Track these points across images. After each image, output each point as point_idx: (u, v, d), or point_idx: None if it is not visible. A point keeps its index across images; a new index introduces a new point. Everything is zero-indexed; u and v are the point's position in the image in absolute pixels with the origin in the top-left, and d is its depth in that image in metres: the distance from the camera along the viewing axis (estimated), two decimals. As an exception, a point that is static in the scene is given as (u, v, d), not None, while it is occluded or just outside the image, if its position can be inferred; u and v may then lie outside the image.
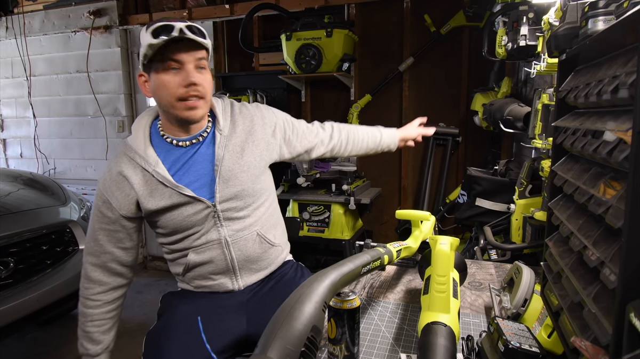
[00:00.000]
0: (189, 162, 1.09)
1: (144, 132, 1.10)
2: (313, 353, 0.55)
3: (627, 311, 0.38)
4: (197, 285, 1.16)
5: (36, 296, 1.94)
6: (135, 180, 1.06)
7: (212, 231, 1.10)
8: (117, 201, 1.07)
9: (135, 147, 1.07)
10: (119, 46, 3.68)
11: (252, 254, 1.16)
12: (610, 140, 0.48)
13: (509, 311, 0.92)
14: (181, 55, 0.99)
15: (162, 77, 1.00)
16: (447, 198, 3.08)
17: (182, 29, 0.96)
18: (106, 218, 1.09)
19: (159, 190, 1.05)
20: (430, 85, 3.11)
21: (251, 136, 1.15)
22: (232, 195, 1.10)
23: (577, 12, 0.93)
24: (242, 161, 1.11)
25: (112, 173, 1.08)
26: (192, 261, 1.11)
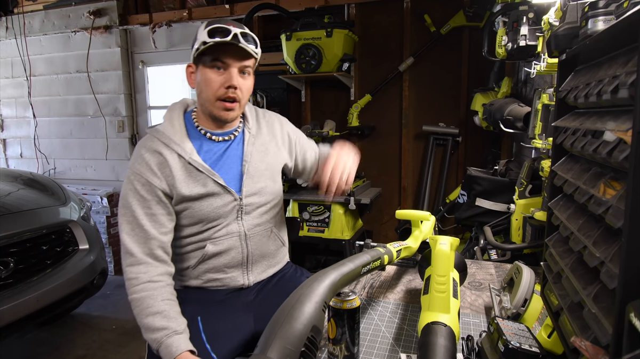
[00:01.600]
0: (221, 156, 1.15)
1: (179, 121, 1.14)
2: (313, 353, 0.55)
3: (627, 311, 0.38)
4: (207, 279, 1.17)
5: (36, 296, 1.94)
6: (173, 163, 1.07)
7: (233, 224, 1.15)
8: (159, 180, 1.06)
9: (170, 135, 1.10)
10: (119, 46, 3.68)
11: (266, 250, 1.22)
12: (610, 140, 0.48)
13: (509, 311, 0.92)
14: (229, 58, 1.05)
15: (207, 73, 1.07)
16: (447, 198, 3.08)
17: (237, 34, 1.03)
18: (147, 201, 1.06)
19: (194, 176, 1.09)
20: (430, 85, 3.11)
21: (273, 138, 1.24)
22: (257, 191, 1.17)
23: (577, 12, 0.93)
24: (266, 160, 1.20)
25: (148, 154, 1.07)
26: (210, 251, 1.13)
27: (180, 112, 1.17)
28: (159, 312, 0.99)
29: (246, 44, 1.04)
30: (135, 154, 1.09)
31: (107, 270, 2.50)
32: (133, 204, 1.05)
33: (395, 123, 3.23)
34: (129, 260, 1.04)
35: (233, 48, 1.04)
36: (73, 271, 2.18)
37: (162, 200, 1.07)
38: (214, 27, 1.02)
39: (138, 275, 1.02)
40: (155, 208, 1.06)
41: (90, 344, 2.57)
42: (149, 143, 1.09)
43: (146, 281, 1.02)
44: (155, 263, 1.05)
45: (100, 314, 2.96)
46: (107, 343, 2.57)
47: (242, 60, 1.07)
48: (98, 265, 2.36)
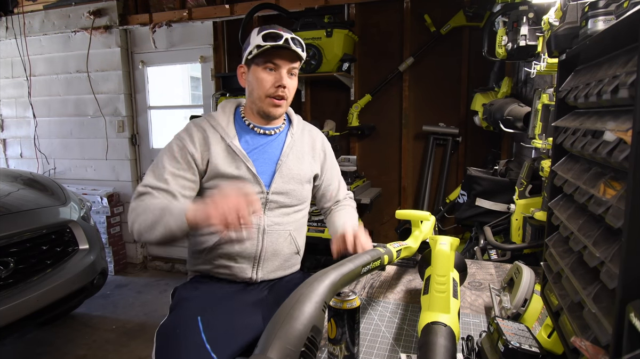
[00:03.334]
0: (260, 148, 1.24)
1: (229, 111, 1.26)
2: (313, 353, 0.55)
3: (627, 311, 0.38)
4: (217, 265, 1.21)
5: (36, 296, 1.94)
6: (214, 142, 1.18)
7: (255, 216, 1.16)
8: (195, 150, 1.16)
9: (219, 120, 1.22)
10: (119, 46, 3.68)
11: (280, 250, 1.25)
12: (610, 140, 0.48)
13: (509, 311, 0.92)
14: (280, 60, 1.17)
15: (260, 73, 1.18)
16: (447, 198, 3.08)
17: (288, 39, 1.14)
18: (178, 162, 1.15)
19: (230, 157, 1.19)
20: (430, 85, 3.11)
21: (312, 150, 1.34)
22: (285, 191, 1.24)
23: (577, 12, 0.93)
24: (300, 166, 1.27)
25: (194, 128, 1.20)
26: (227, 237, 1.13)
27: (233, 105, 1.29)
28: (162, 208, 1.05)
29: (295, 47, 1.14)
30: (186, 128, 1.22)
31: (107, 270, 2.50)
32: (164, 160, 1.16)
33: (395, 123, 3.23)
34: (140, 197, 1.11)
35: (284, 51, 1.15)
36: (73, 271, 2.18)
37: (192, 166, 1.16)
38: (268, 32, 1.14)
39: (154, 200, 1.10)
40: (182, 171, 1.15)
41: (90, 344, 2.57)
42: (199, 122, 1.22)
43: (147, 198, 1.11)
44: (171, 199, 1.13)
45: (100, 314, 2.96)
46: (107, 343, 2.57)
47: (291, 62, 1.18)
48: (98, 265, 2.36)
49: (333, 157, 1.42)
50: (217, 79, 3.49)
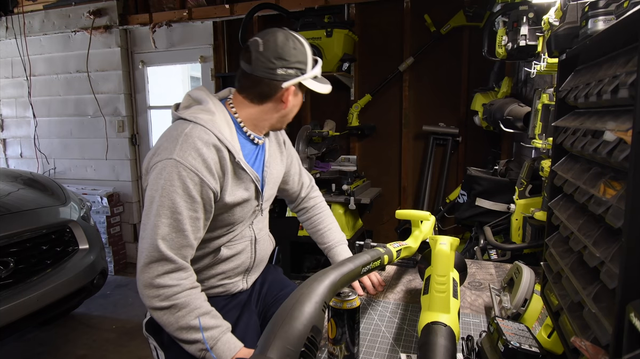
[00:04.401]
0: (255, 157, 1.13)
1: (226, 118, 1.05)
2: (313, 353, 0.55)
3: (627, 311, 0.38)
4: (210, 286, 1.12)
5: (36, 296, 1.94)
6: (227, 162, 0.99)
7: (247, 229, 1.15)
8: (215, 181, 0.96)
9: (221, 129, 1.00)
10: (119, 46, 3.68)
11: (265, 254, 1.23)
12: (610, 140, 0.48)
13: (509, 311, 0.92)
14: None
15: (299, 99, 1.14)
16: (447, 198, 3.08)
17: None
18: (196, 203, 0.94)
19: (237, 178, 1.04)
20: (430, 85, 3.11)
21: (279, 148, 1.26)
22: (269, 197, 1.19)
23: (577, 12, 0.93)
24: (277, 168, 1.21)
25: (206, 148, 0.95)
26: (224, 255, 1.10)
27: (223, 107, 1.07)
28: (208, 313, 0.96)
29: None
30: (186, 146, 0.94)
31: (107, 270, 2.50)
32: (179, 204, 0.92)
33: (395, 123, 3.23)
34: (167, 267, 0.93)
35: None
36: (73, 271, 2.18)
37: (211, 204, 0.98)
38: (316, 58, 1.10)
39: (180, 282, 0.94)
40: (200, 211, 0.96)
41: (90, 344, 2.57)
42: (204, 136, 0.96)
43: (189, 287, 0.96)
44: (191, 269, 0.99)
45: (100, 314, 2.96)
46: (107, 343, 2.57)
47: None
48: (98, 264, 2.36)
49: (290, 144, 1.35)
50: (217, 79, 3.49)
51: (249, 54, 1.03)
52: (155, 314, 0.95)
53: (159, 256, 0.92)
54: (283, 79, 1.03)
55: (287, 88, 1.04)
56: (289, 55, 1.02)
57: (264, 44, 1.01)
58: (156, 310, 0.94)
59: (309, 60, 1.07)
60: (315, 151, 2.91)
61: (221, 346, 0.93)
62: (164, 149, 0.95)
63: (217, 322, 0.96)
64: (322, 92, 1.11)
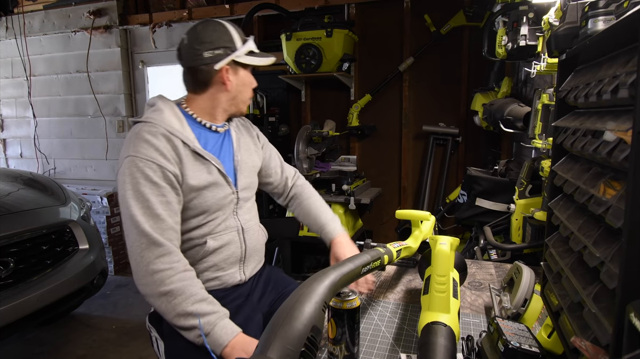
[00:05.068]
0: (220, 147, 1.18)
1: (175, 112, 1.11)
2: (313, 353, 0.55)
3: (627, 311, 0.38)
4: (205, 279, 1.14)
5: (36, 296, 1.93)
6: (181, 149, 1.04)
7: (230, 218, 1.17)
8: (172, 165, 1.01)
9: (170, 123, 1.06)
10: (119, 46, 3.68)
11: (257, 244, 1.25)
12: (610, 140, 0.48)
13: (509, 311, 0.92)
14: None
15: (250, 78, 1.18)
16: (447, 198, 3.08)
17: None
18: (161, 187, 0.99)
19: (199, 163, 1.08)
20: (430, 85, 3.11)
21: (252, 139, 1.31)
22: (247, 185, 1.21)
23: (577, 12, 0.93)
24: (250, 157, 1.25)
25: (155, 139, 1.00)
26: (211, 247, 1.12)
27: (174, 104, 1.15)
28: (204, 299, 0.97)
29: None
30: (137, 141, 1.00)
31: (107, 270, 2.50)
32: (146, 192, 0.97)
33: (395, 123, 3.23)
34: (156, 251, 0.96)
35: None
36: (73, 271, 2.17)
37: (175, 186, 1.02)
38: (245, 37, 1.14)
39: (172, 265, 0.96)
40: (169, 195, 1.00)
41: (90, 344, 2.57)
42: (152, 129, 1.02)
43: (182, 270, 0.98)
44: (180, 253, 1.01)
45: (100, 314, 2.96)
46: (107, 343, 2.57)
47: None
48: (98, 265, 2.36)
49: (267, 140, 1.38)
50: (217, 79, 3.49)
51: (179, 51, 1.14)
52: (155, 302, 0.97)
53: (147, 241, 0.96)
54: (213, 61, 1.08)
55: (221, 69, 1.10)
56: (210, 38, 1.08)
57: (186, 36, 1.12)
58: (154, 298, 0.97)
59: (235, 39, 1.11)
60: (315, 151, 2.91)
61: (218, 331, 0.94)
62: (122, 153, 1.03)
63: (213, 308, 0.97)
64: (262, 64, 1.16)
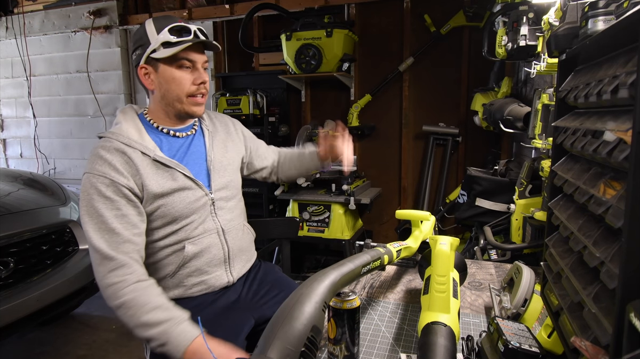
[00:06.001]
0: (186, 151, 1.16)
1: (135, 122, 1.12)
2: (313, 353, 0.55)
3: (627, 311, 0.38)
4: (190, 284, 1.12)
5: (36, 296, 1.93)
6: (138, 161, 1.03)
7: (208, 220, 1.15)
8: (125, 179, 1.00)
9: (129, 134, 1.06)
10: (119, 46, 3.68)
11: (242, 243, 1.24)
12: (610, 140, 0.48)
13: (509, 311, 0.92)
14: (195, 55, 1.07)
15: (174, 73, 1.06)
16: (447, 198, 3.08)
17: (196, 31, 1.05)
18: (114, 201, 0.99)
19: (161, 171, 1.07)
20: (430, 85, 3.11)
21: (229, 135, 1.28)
22: (224, 185, 1.19)
23: (577, 12, 0.93)
24: (227, 155, 1.23)
25: (109, 154, 1.01)
26: (190, 252, 1.10)
27: (134, 114, 1.15)
28: (158, 306, 0.95)
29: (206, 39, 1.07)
30: (93, 157, 1.02)
31: (107, 270, 2.50)
32: (100, 208, 0.97)
33: (395, 123, 3.23)
34: (109, 265, 0.96)
35: (196, 46, 1.06)
36: (73, 271, 2.17)
37: (131, 199, 1.01)
38: (174, 25, 1.04)
39: (124, 277, 0.96)
40: (125, 208, 1.00)
41: (90, 344, 2.57)
42: (107, 144, 1.03)
43: (135, 281, 0.97)
44: (136, 265, 1.00)
45: (100, 314, 2.96)
46: (107, 343, 2.57)
47: (203, 55, 1.10)
48: (98, 265, 2.36)
49: (248, 131, 1.38)
50: (217, 79, 3.49)
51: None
52: (117, 314, 0.97)
53: (99, 257, 0.97)
54: (136, 63, 1.09)
55: (139, 70, 1.09)
56: (133, 39, 1.10)
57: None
58: (115, 311, 0.97)
59: (149, 33, 1.05)
60: (315, 151, 2.90)
61: (174, 339, 0.91)
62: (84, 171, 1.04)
63: (168, 315, 0.94)
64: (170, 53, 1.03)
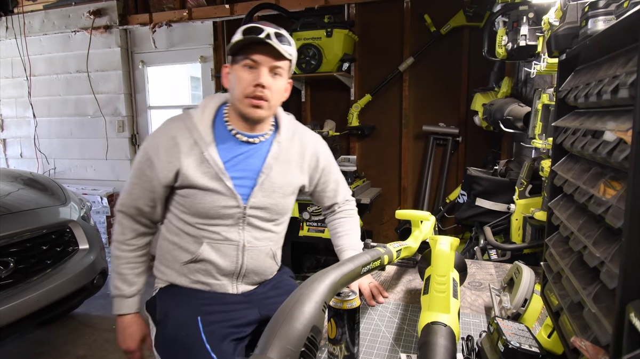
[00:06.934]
0: (241, 157, 1.13)
1: (210, 112, 1.15)
2: (313, 353, 0.55)
3: (627, 311, 0.38)
4: (195, 280, 1.14)
5: (36, 296, 1.93)
6: (184, 149, 1.08)
7: (233, 231, 1.12)
8: (160, 164, 1.09)
9: (197, 121, 1.11)
10: (119, 46, 3.68)
11: (260, 266, 1.18)
12: (610, 140, 0.48)
13: (509, 311, 0.92)
14: (259, 56, 1.05)
15: (239, 72, 1.08)
16: (447, 198, 3.08)
17: (270, 34, 1.04)
18: (145, 176, 1.11)
19: (204, 167, 1.08)
20: (430, 85, 3.11)
21: (301, 159, 1.22)
22: (264, 205, 1.14)
23: (577, 12, 0.93)
24: (285, 178, 1.17)
25: (164, 136, 1.10)
26: (205, 252, 1.11)
27: (216, 103, 1.17)
28: (119, 274, 1.16)
29: (278, 43, 1.04)
30: (160, 128, 1.14)
31: (107, 269, 2.50)
32: (132, 172, 1.14)
33: (395, 123, 3.23)
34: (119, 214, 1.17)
35: (265, 47, 1.04)
36: (73, 271, 2.17)
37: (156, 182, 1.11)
38: (249, 26, 1.05)
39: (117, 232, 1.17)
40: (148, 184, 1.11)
41: (90, 344, 2.57)
42: (173, 125, 1.12)
43: (120, 241, 1.16)
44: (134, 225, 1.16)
45: (100, 314, 2.96)
46: (107, 343, 2.57)
47: (274, 59, 1.06)
48: (98, 264, 2.36)
49: (329, 163, 1.31)
50: (217, 79, 3.49)
51: None
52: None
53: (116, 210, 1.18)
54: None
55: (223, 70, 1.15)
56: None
57: None
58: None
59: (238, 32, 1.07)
60: (315, 151, 2.90)
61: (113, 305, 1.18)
62: None
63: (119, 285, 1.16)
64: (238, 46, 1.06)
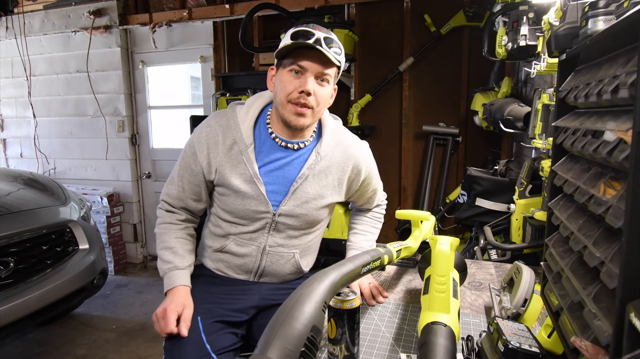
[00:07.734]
0: (278, 164, 1.12)
1: (254, 112, 1.14)
2: (313, 353, 0.55)
3: (627, 311, 0.38)
4: (219, 267, 1.21)
5: (36, 296, 1.93)
6: (224, 148, 1.10)
7: (261, 234, 1.15)
8: (203, 158, 1.11)
9: (240, 121, 1.12)
10: (119, 46, 3.68)
11: (280, 270, 1.20)
12: (610, 140, 0.48)
13: (509, 311, 0.92)
14: (306, 62, 1.01)
15: (284, 76, 1.04)
16: (447, 198, 3.08)
17: (320, 39, 0.99)
18: (189, 169, 1.14)
19: (240, 168, 1.10)
20: (430, 85, 3.11)
21: (340, 171, 1.17)
22: (295, 214, 1.13)
23: (577, 12, 0.93)
24: (319, 190, 1.14)
25: (210, 132, 1.11)
26: (231, 247, 1.17)
27: (261, 103, 1.16)
28: (170, 248, 1.14)
29: (328, 50, 0.99)
30: (207, 121, 1.14)
31: (107, 269, 2.50)
32: (179, 164, 1.16)
33: (395, 123, 3.23)
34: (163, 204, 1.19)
35: (313, 52, 1.00)
36: (73, 271, 2.17)
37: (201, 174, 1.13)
38: (298, 29, 1.00)
39: (163, 216, 1.18)
40: (194, 177, 1.14)
41: (90, 344, 2.57)
42: (218, 121, 1.12)
43: (167, 222, 1.17)
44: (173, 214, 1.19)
45: (100, 314, 2.96)
46: (107, 343, 2.57)
47: (322, 66, 1.02)
48: (98, 264, 2.36)
49: (370, 174, 1.26)
50: (217, 79, 3.49)
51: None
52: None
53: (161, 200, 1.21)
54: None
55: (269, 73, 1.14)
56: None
57: None
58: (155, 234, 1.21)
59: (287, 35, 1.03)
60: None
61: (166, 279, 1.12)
62: None
63: (170, 258, 1.13)
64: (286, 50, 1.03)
